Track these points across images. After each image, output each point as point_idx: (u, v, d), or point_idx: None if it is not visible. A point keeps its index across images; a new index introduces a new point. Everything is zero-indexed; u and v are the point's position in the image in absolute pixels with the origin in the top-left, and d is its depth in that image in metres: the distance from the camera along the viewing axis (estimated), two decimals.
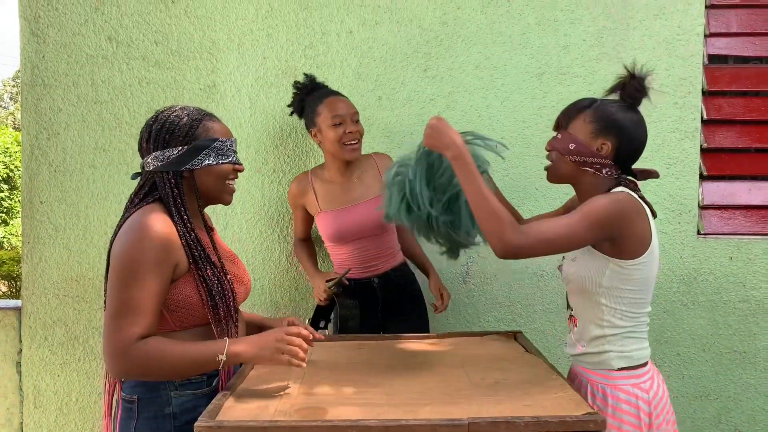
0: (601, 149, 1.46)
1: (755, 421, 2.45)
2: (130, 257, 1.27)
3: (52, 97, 2.41)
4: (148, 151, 1.39)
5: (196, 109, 1.44)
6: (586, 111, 1.49)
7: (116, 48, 2.41)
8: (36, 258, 2.42)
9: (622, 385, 1.47)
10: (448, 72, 2.43)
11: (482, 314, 2.47)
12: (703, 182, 2.46)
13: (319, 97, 2.11)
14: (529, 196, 2.44)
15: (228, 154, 1.43)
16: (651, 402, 1.46)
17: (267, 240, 2.46)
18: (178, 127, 1.38)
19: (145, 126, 1.41)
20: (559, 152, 1.51)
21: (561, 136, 1.51)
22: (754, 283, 2.42)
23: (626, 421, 1.45)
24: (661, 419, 1.48)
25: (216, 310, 1.35)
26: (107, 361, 1.27)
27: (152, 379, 1.31)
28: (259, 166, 2.44)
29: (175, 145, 1.37)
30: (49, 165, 2.42)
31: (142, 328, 1.26)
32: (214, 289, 1.35)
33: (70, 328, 2.43)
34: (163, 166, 1.37)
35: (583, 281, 1.48)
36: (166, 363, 1.27)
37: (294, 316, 2.46)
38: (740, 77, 2.47)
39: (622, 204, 1.40)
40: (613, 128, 1.46)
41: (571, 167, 1.49)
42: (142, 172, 1.42)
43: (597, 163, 1.47)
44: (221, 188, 1.44)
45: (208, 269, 1.35)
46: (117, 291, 1.27)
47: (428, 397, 1.31)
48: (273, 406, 1.25)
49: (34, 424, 2.44)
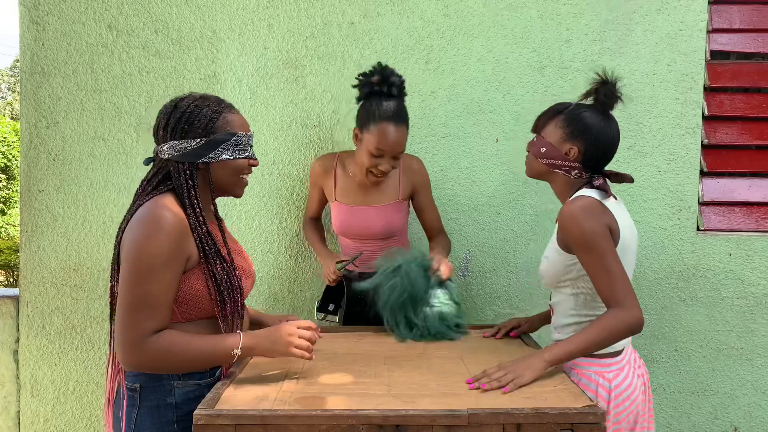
0: (569, 153, 1.57)
1: (751, 417, 2.45)
2: (145, 251, 1.26)
3: (51, 85, 2.39)
4: (164, 139, 1.37)
5: (216, 99, 1.41)
6: (558, 116, 1.59)
7: (116, 36, 2.39)
8: (34, 247, 2.41)
9: (584, 371, 1.54)
10: (450, 65, 2.42)
11: (481, 308, 2.47)
12: (703, 178, 2.46)
13: (378, 116, 1.92)
14: (530, 191, 2.43)
15: (245, 149, 1.41)
16: (612, 391, 1.51)
17: (266, 232, 2.45)
18: (198, 118, 1.36)
19: (162, 112, 1.39)
20: (532, 154, 1.64)
21: (535, 139, 1.63)
22: (753, 279, 2.43)
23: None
24: (622, 409, 1.52)
25: (224, 305, 1.35)
26: (121, 354, 1.27)
27: (166, 371, 1.31)
28: (259, 157, 2.41)
29: (193, 137, 1.35)
30: (48, 153, 2.40)
31: (158, 322, 1.27)
32: (222, 284, 1.34)
33: (67, 318, 2.42)
34: (179, 156, 1.35)
35: (553, 277, 1.60)
36: (181, 357, 1.28)
37: (292, 307, 2.46)
38: (742, 74, 2.46)
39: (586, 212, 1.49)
40: (580, 133, 1.55)
41: (543, 168, 1.63)
42: (155, 159, 1.40)
43: (565, 166, 1.58)
44: (235, 182, 1.44)
45: (218, 264, 1.35)
46: (133, 285, 1.26)
47: (428, 389, 1.31)
48: (272, 395, 1.25)
49: (32, 413, 2.44)
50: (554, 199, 2.39)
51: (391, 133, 1.92)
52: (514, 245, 2.46)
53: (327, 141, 2.43)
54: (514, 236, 2.46)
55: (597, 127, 1.55)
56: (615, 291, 1.44)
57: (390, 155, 1.95)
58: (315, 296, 2.46)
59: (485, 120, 2.43)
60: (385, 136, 1.91)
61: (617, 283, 1.44)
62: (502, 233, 2.46)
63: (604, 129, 1.56)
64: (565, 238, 1.53)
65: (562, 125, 1.58)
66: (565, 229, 1.52)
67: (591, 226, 1.46)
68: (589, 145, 1.55)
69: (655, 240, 2.43)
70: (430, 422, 1.13)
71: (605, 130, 1.56)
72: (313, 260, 2.46)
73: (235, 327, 1.39)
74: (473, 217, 2.45)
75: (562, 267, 1.57)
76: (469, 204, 2.45)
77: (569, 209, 1.52)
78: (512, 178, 2.44)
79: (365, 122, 1.95)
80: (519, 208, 2.45)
